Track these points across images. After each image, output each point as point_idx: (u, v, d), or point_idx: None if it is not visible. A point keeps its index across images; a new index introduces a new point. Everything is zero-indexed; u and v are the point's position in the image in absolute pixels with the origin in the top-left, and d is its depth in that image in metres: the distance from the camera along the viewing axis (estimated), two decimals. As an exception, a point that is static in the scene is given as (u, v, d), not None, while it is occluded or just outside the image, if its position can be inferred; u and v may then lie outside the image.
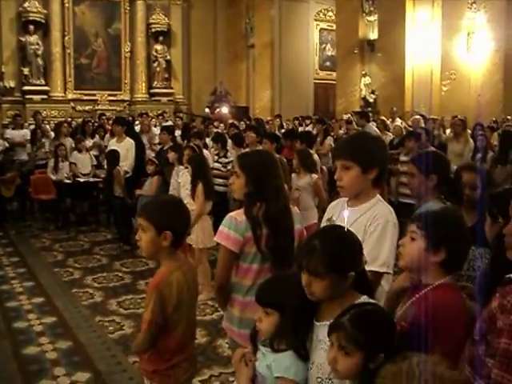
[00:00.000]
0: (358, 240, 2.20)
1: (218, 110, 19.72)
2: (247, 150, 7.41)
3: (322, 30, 23.22)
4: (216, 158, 8.59)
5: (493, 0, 15.11)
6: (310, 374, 2.24)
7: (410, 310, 2.30)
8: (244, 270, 3.10)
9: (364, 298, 2.16)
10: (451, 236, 2.26)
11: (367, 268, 2.62)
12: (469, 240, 2.39)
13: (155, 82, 20.43)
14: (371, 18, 18.70)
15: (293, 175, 6.41)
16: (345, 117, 14.71)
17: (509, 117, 13.82)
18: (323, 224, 3.02)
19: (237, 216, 3.07)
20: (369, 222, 2.73)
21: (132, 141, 9.26)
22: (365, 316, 1.96)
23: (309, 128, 13.25)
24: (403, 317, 2.29)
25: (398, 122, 12.58)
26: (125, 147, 9.05)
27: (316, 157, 7.08)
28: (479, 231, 2.84)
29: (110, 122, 12.59)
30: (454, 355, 2.03)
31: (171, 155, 7.62)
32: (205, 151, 8.61)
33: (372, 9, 18.75)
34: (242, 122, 14.67)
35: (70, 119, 16.01)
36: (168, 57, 20.53)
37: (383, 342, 1.90)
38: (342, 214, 2.33)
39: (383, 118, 12.81)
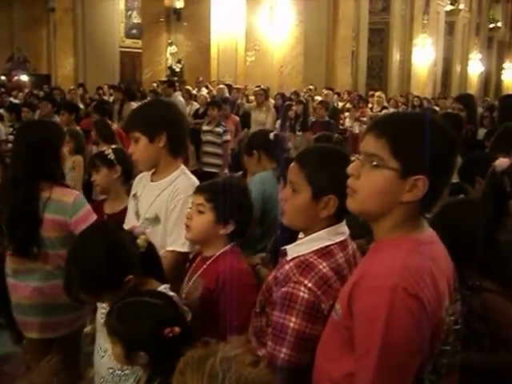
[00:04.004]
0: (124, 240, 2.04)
1: (16, 77, 18.33)
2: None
3: (127, -5, 22.45)
4: (10, 129, 7.93)
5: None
6: (101, 363, 2.11)
7: (198, 282, 2.23)
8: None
9: (164, 288, 2.02)
10: (240, 207, 2.23)
11: (170, 248, 2.52)
12: (252, 208, 2.38)
13: None
14: (176, -13, 18.50)
15: (93, 147, 6.08)
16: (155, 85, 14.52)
17: (310, 86, 14.57)
18: (130, 200, 2.83)
19: None
20: (170, 197, 2.59)
21: None
22: (131, 308, 1.83)
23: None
24: (192, 292, 2.21)
25: (204, 91, 12.60)
26: None
27: (115, 126, 6.75)
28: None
29: None
30: (246, 325, 1.99)
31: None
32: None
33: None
34: (42, 92, 13.78)
35: None
36: (-48, 15, 18.60)
37: (147, 338, 1.75)
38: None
39: (188, 87, 12.75)
